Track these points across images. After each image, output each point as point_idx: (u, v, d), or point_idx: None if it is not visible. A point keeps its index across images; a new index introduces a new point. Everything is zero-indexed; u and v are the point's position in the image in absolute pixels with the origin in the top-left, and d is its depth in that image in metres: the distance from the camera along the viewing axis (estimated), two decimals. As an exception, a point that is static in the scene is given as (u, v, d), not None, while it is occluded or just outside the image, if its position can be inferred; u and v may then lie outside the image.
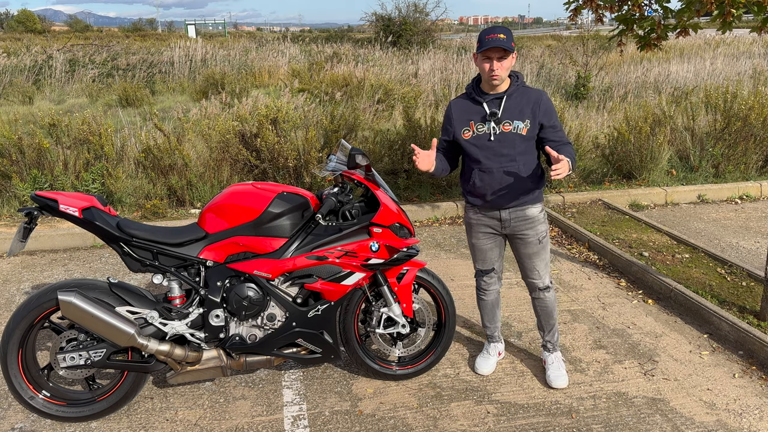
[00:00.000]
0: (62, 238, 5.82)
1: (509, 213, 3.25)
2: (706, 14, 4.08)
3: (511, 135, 3.10)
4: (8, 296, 4.72)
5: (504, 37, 2.97)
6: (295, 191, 3.20)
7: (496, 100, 3.13)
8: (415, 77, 14.00)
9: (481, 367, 3.60)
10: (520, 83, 3.17)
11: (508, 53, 3.00)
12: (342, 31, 39.80)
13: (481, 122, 3.15)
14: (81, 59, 18.07)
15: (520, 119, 3.09)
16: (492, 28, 3.06)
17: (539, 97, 3.14)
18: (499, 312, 3.64)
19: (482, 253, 3.43)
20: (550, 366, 3.54)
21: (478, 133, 3.15)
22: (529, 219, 3.26)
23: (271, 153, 6.61)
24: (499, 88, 3.13)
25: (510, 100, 3.12)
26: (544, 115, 3.11)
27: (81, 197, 3.02)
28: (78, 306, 2.89)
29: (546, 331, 3.55)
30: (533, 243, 3.30)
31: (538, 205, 3.29)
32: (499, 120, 3.10)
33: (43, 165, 6.49)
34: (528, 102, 3.11)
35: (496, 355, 3.67)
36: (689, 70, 14.09)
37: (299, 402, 3.34)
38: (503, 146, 3.12)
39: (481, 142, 3.15)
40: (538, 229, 3.28)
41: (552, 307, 3.48)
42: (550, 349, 3.58)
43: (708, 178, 7.57)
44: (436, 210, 6.64)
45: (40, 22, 73.81)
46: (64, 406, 3.15)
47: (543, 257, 3.36)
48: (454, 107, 3.27)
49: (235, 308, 3.09)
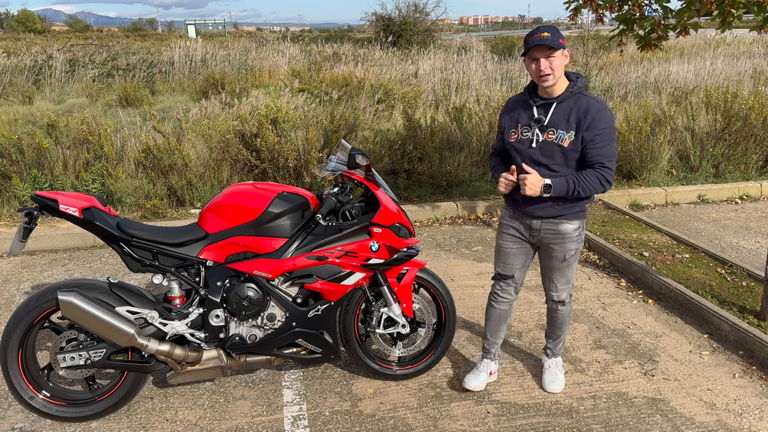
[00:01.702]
0: (62, 238, 5.83)
1: (541, 223, 3.09)
2: (706, 14, 4.08)
3: (552, 145, 2.92)
4: (8, 296, 4.72)
5: (548, 35, 2.81)
6: (295, 191, 3.20)
7: (546, 105, 2.96)
8: (415, 77, 14.01)
9: (469, 382, 3.41)
10: (576, 89, 2.94)
11: (554, 50, 2.81)
12: (342, 31, 39.81)
13: (527, 126, 2.99)
14: (81, 59, 18.09)
15: (564, 129, 2.90)
16: (536, 29, 2.90)
17: (589, 107, 2.88)
18: (503, 328, 3.45)
19: (505, 256, 3.26)
20: (547, 370, 3.50)
21: (522, 138, 3.00)
22: (561, 234, 3.08)
23: (271, 153, 6.61)
24: (553, 92, 2.93)
25: (559, 108, 2.93)
26: (589, 127, 2.87)
27: (81, 197, 3.03)
28: (78, 306, 2.89)
29: (551, 339, 3.49)
30: (558, 259, 3.16)
31: (575, 222, 3.08)
32: (543, 127, 2.94)
33: (43, 165, 6.49)
34: (577, 112, 2.89)
35: (486, 373, 3.47)
36: (689, 70, 14.09)
37: (299, 402, 3.34)
38: (543, 155, 2.95)
39: (523, 147, 3.00)
40: (567, 246, 3.11)
41: (563, 320, 3.39)
42: (550, 355, 3.53)
43: (708, 178, 7.58)
44: (436, 210, 6.64)
45: (40, 22, 73.91)
46: (64, 406, 3.15)
47: (565, 274, 3.22)
48: (507, 107, 3.15)
49: (235, 308, 3.09)
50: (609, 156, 2.90)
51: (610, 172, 2.89)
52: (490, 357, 3.50)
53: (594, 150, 2.89)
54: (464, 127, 7.60)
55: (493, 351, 3.50)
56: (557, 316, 3.39)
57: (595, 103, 2.91)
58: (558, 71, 2.86)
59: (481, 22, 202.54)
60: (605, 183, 2.90)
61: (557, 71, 2.86)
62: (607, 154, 2.89)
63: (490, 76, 14.09)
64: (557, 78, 2.89)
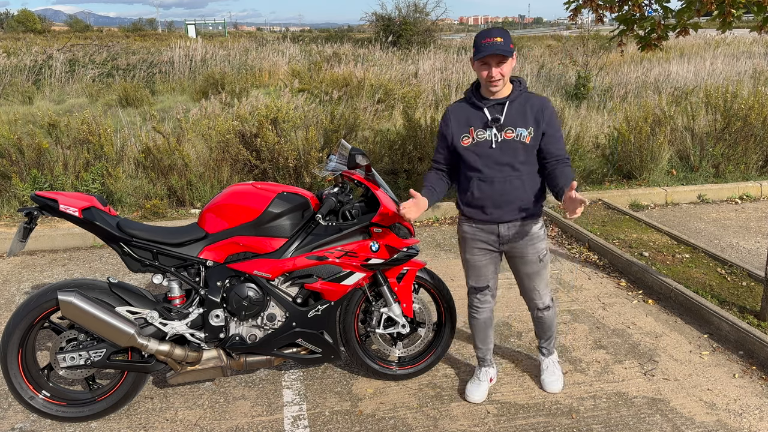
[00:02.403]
0: (62, 238, 5.83)
1: (509, 228, 3.06)
2: (706, 14, 4.09)
3: (514, 143, 2.92)
4: (8, 296, 4.73)
5: (501, 40, 2.79)
6: (295, 191, 3.20)
7: (497, 105, 2.95)
8: (415, 77, 14.01)
9: (472, 394, 3.36)
10: (522, 88, 2.99)
11: (506, 58, 2.82)
12: (342, 31, 39.83)
13: (482, 128, 2.95)
14: (81, 59, 18.10)
15: (523, 126, 2.92)
16: (487, 31, 2.87)
17: (544, 103, 2.96)
18: (491, 333, 3.40)
19: (476, 269, 3.21)
20: (545, 370, 3.49)
21: (479, 140, 2.96)
22: (529, 235, 3.08)
23: (271, 153, 6.62)
24: (501, 94, 2.94)
25: (513, 106, 2.94)
26: (548, 123, 2.94)
27: (81, 197, 3.03)
28: (78, 306, 2.90)
29: (543, 339, 3.47)
30: (533, 262, 3.14)
31: (539, 221, 3.12)
32: (501, 126, 2.92)
33: (43, 165, 6.51)
34: (532, 108, 2.94)
35: (487, 381, 3.43)
36: (689, 70, 14.11)
37: (299, 402, 3.35)
38: (505, 155, 2.94)
39: (482, 149, 2.96)
40: (537, 246, 3.12)
41: (550, 322, 3.38)
42: (546, 354, 3.51)
43: (708, 178, 7.58)
44: (436, 210, 6.65)
45: (40, 22, 73.99)
46: (64, 406, 3.16)
47: (543, 276, 3.21)
48: (452, 113, 3.07)
49: (235, 308, 3.10)
50: (566, 150, 3.04)
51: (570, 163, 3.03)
52: (486, 364, 3.46)
53: (554, 144, 2.97)
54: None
55: (488, 358, 3.46)
56: (544, 322, 3.36)
57: (546, 101, 2.99)
58: (507, 77, 2.90)
59: (481, 22, 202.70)
60: None
61: (506, 77, 2.89)
62: (564, 147, 3.02)
63: (489, 76, 14.07)
64: (505, 83, 2.93)
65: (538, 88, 13.00)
